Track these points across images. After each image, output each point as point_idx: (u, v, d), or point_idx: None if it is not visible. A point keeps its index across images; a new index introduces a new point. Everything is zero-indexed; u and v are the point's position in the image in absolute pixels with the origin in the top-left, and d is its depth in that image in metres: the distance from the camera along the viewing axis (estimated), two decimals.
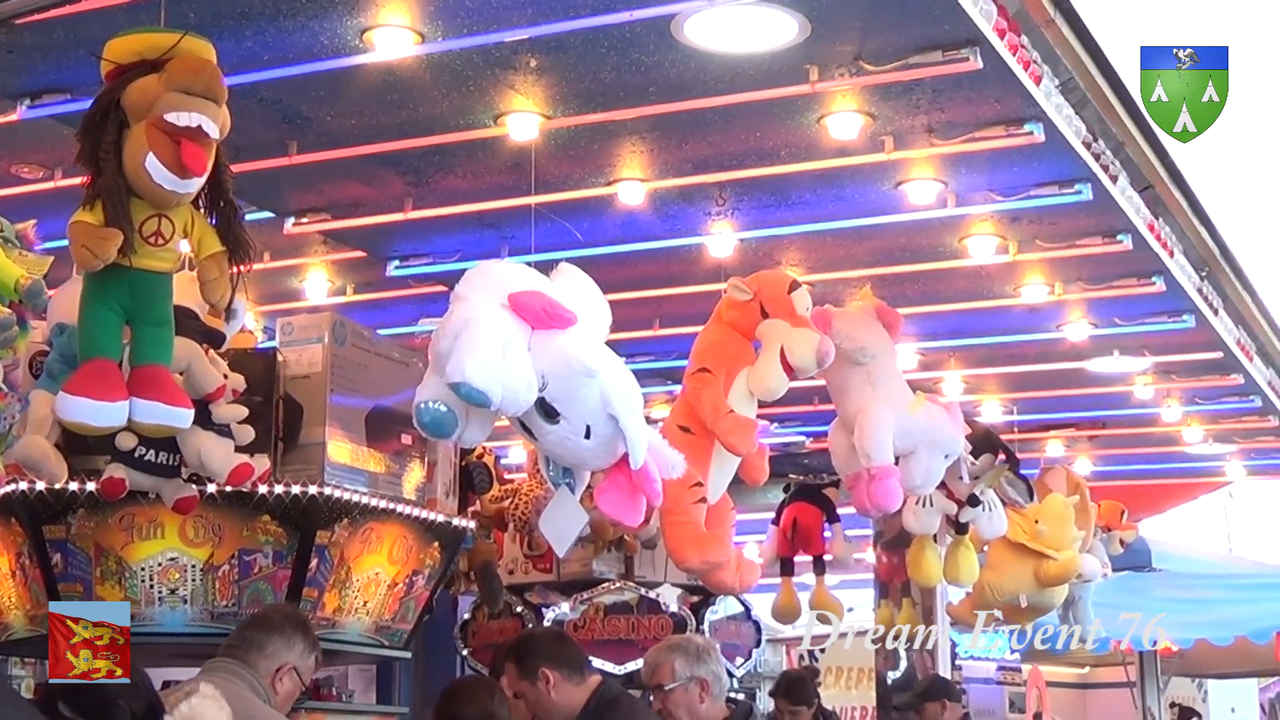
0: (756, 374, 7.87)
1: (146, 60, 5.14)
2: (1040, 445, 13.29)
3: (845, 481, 9.03)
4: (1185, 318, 10.38)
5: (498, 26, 6.59)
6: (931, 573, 10.88)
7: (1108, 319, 10.54)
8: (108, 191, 5.07)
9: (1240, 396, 12.39)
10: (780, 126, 7.53)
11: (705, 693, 7.60)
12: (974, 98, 7.25)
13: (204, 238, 5.30)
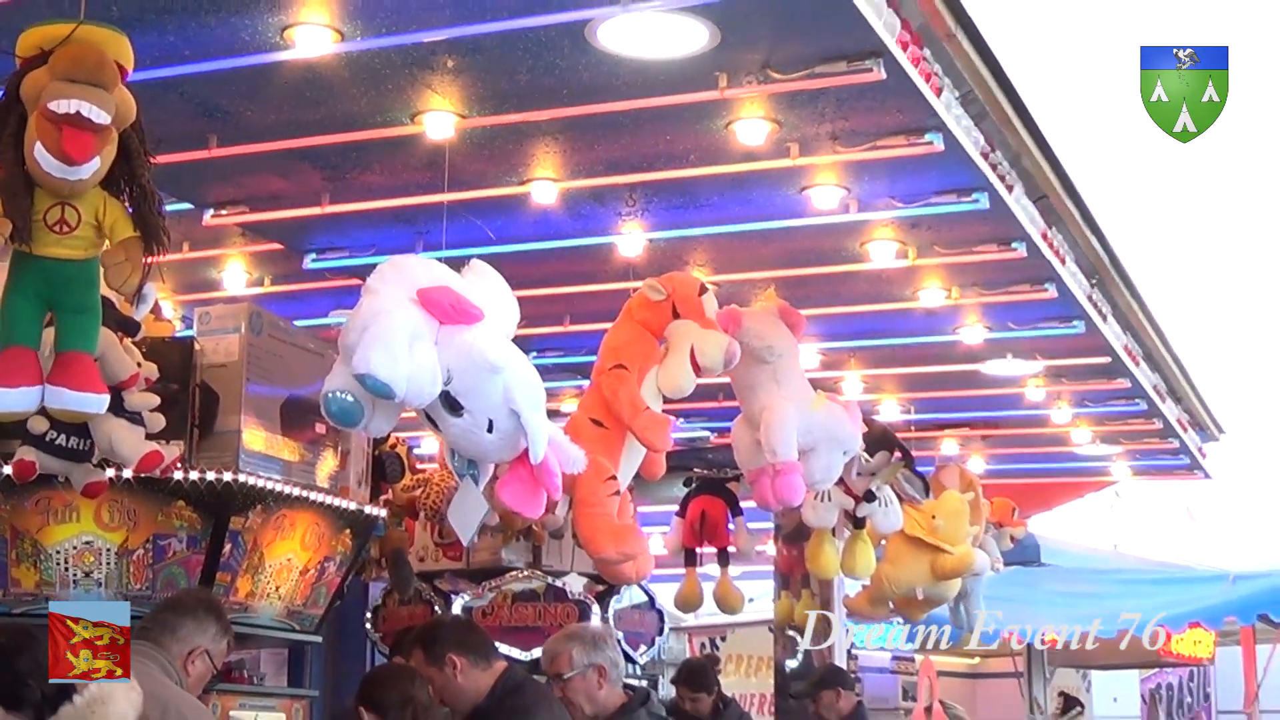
0: (667, 372, 7.86)
1: (44, 52, 5.07)
2: (936, 444, 13.32)
3: (748, 476, 9.02)
4: (1075, 323, 10.44)
5: (416, 27, 6.55)
6: (829, 565, 10.94)
7: (1002, 323, 10.58)
8: (6, 189, 5.03)
9: (1127, 400, 12.45)
10: (689, 131, 7.51)
11: (603, 679, 7.68)
12: (877, 107, 7.23)
13: (116, 223, 5.21)
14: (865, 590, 11.77)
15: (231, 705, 7.65)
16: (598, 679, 7.70)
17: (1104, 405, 12.74)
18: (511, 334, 6.54)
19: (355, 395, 5.94)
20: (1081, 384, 12.12)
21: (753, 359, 8.72)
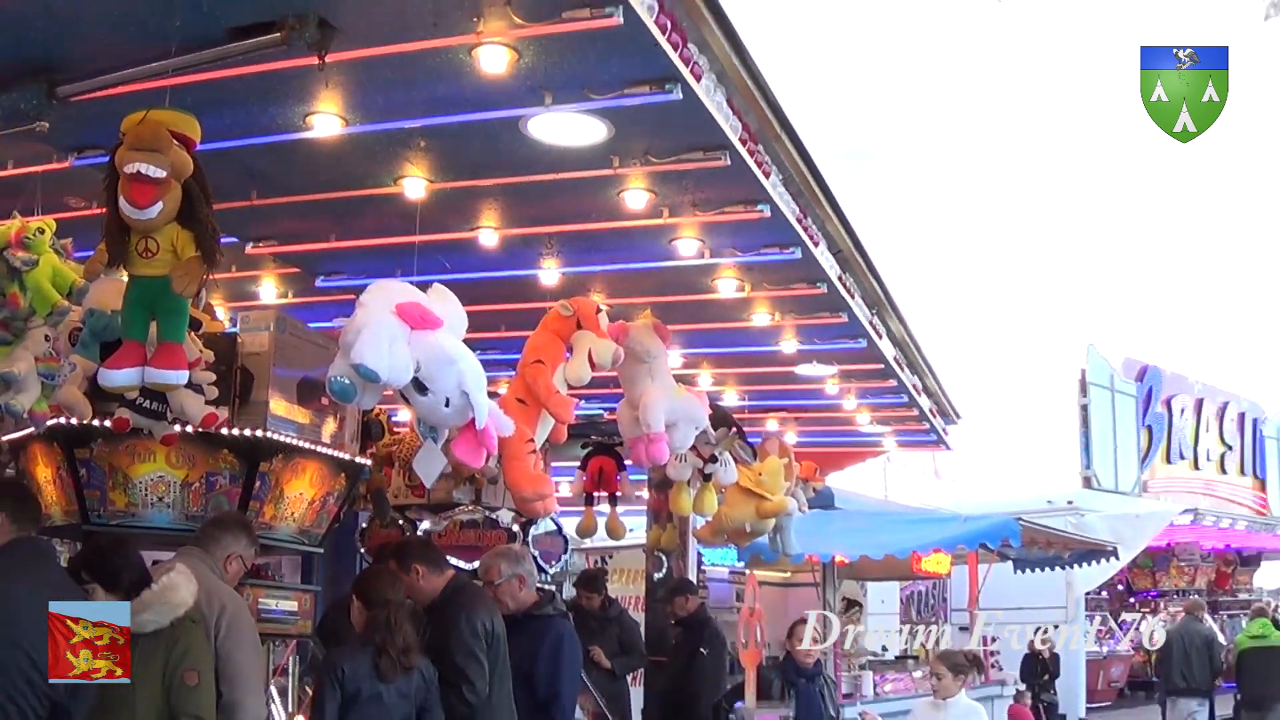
0: (571, 367, 7.91)
1: (124, 133, 5.07)
2: (763, 422, 13.27)
3: (628, 442, 8.98)
4: (860, 340, 10.42)
5: (399, 117, 6.50)
6: (685, 506, 10.82)
7: (810, 339, 10.54)
8: (105, 227, 5.17)
9: (894, 395, 12.55)
10: (592, 196, 7.40)
11: (522, 585, 7.78)
12: (724, 184, 7.19)
13: (184, 248, 5.18)
14: (709, 524, 11.64)
15: (260, 594, 7.51)
16: (518, 584, 7.80)
17: (879, 398, 12.84)
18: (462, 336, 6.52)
19: (351, 379, 6.00)
20: (863, 383, 12.20)
21: (634, 360, 8.66)
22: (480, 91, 5.95)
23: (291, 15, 5.29)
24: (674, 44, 5.71)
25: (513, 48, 5.56)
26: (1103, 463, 26.90)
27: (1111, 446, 27.38)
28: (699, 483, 10.78)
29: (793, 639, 9.84)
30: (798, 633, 9.82)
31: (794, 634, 9.85)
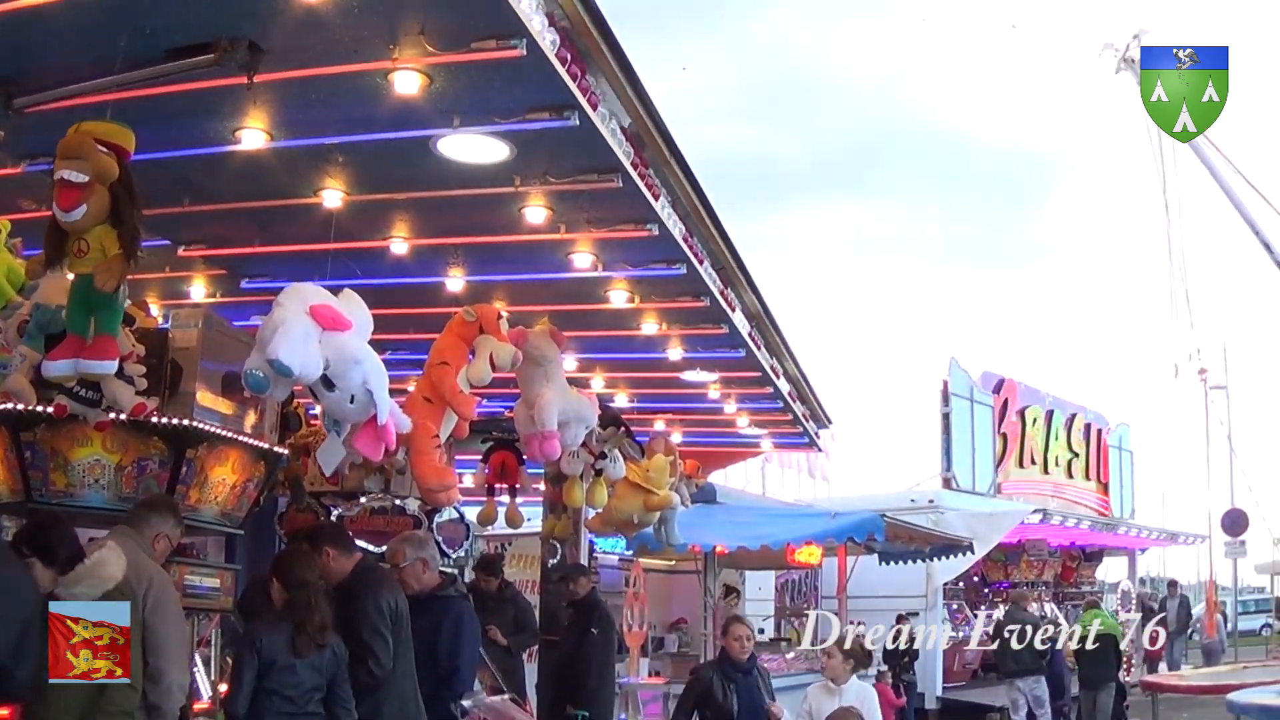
0: (474, 369, 7.97)
1: None
2: (651, 423, 13.27)
3: (524, 439, 9.05)
4: (740, 350, 10.47)
5: (320, 134, 6.49)
6: (577, 498, 10.96)
7: (694, 348, 10.54)
8: (46, 229, 5.30)
9: (771, 400, 12.56)
10: (495, 212, 7.40)
11: (425, 568, 7.85)
12: (616, 204, 7.22)
13: (108, 246, 5.25)
14: (600, 515, 11.72)
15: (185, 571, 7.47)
16: (422, 568, 7.87)
17: (756, 403, 12.86)
18: (368, 338, 6.57)
19: (265, 373, 6.05)
20: (743, 389, 12.19)
21: (532, 363, 8.76)
22: (394, 113, 5.97)
23: (225, 38, 5.33)
24: (573, 75, 5.77)
25: (425, 73, 5.60)
26: (961, 466, 27.28)
27: (970, 451, 27.78)
28: (591, 477, 10.88)
29: (728, 636, 9.34)
30: (733, 630, 9.33)
31: (729, 631, 9.36)
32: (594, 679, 11.75)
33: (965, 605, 26.94)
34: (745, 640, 9.21)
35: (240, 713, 6.42)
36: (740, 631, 9.27)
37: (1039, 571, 30.89)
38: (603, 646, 12.00)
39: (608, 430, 10.49)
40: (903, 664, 19.35)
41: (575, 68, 5.78)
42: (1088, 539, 31.70)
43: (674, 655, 17.00)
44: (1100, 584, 37.64)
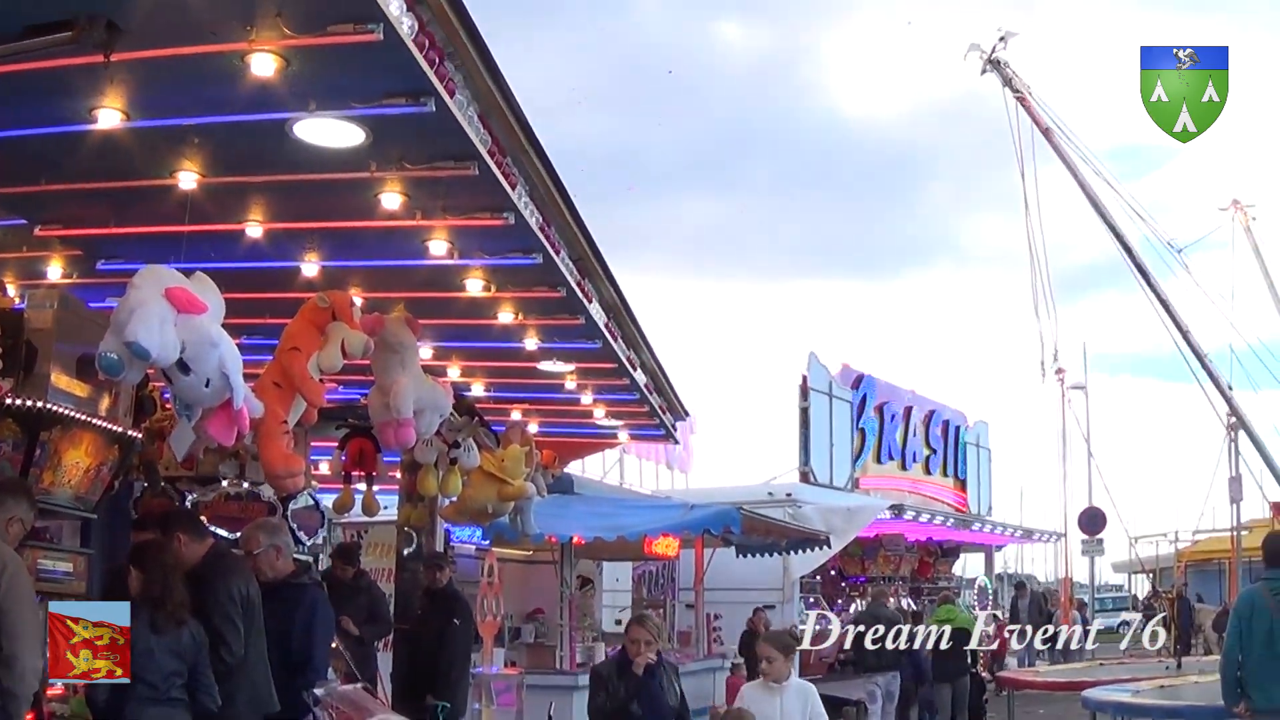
0: (325, 355, 8.01)
1: None
2: (507, 412, 13.34)
3: (377, 426, 9.11)
4: (596, 341, 10.60)
5: (176, 115, 6.46)
6: (431, 487, 11.06)
7: (550, 338, 10.62)
8: None
9: (627, 391, 12.69)
10: (351, 197, 7.41)
11: (279, 555, 7.95)
12: (472, 192, 7.27)
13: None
14: (454, 504, 11.83)
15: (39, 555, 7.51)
16: (275, 554, 7.96)
17: (613, 395, 12.99)
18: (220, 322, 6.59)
19: (120, 355, 6.04)
20: (600, 380, 12.30)
21: (388, 350, 8.83)
22: (251, 95, 5.95)
23: (83, 16, 5.30)
24: (430, 61, 5.82)
25: (281, 56, 5.61)
26: (819, 460, 27.84)
27: (828, 446, 28.36)
28: (445, 466, 10.97)
29: (627, 636, 8.50)
30: (632, 632, 8.45)
31: (629, 633, 8.49)
32: (456, 670, 11.86)
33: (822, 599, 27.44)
34: (642, 645, 8.31)
35: (100, 700, 6.40)
36: (636, 634, 8.41)
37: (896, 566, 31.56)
38: (462, 637, 12.13)
39: (462, 419, 10.59)
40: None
41: (433, 54, 5.83)
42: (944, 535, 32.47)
43: (530, 645, 17.14)
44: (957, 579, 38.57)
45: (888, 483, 31.74)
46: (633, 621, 8.78)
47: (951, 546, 35.12)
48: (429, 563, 12.32)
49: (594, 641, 16.88)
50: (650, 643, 8.31)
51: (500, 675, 13.16)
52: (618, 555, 20.07)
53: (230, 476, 11.12)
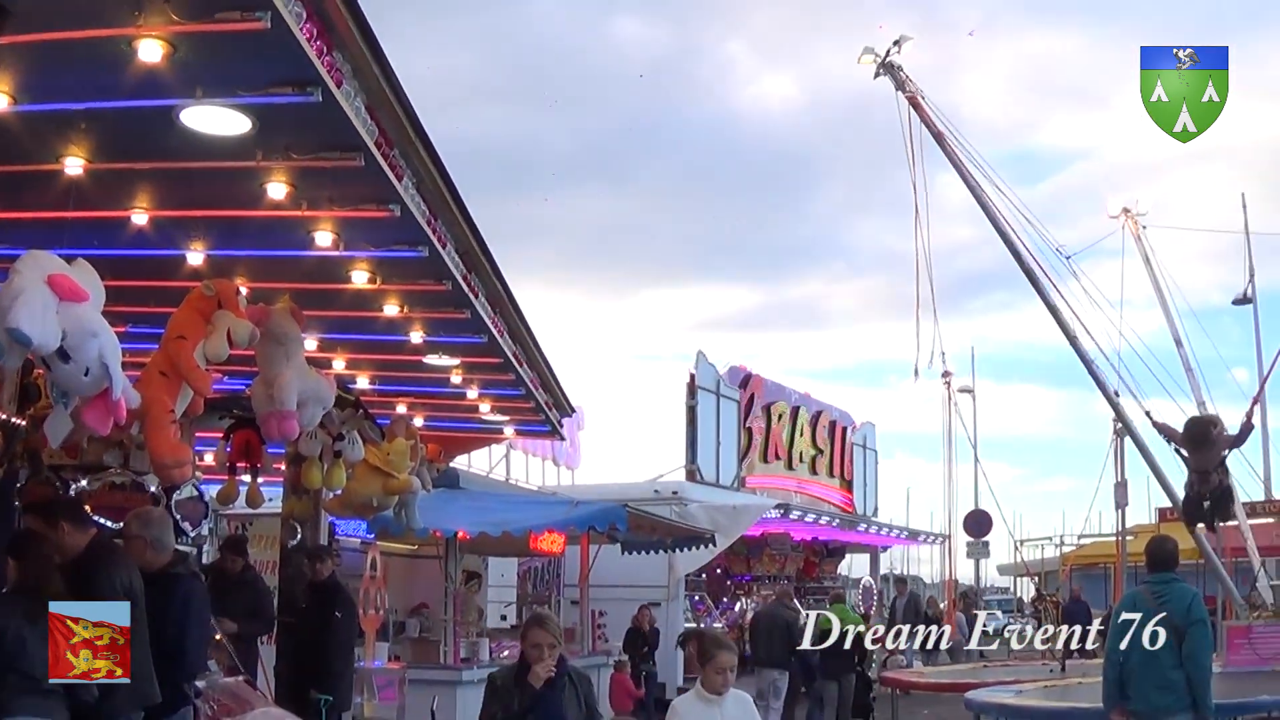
0: (210, 345, 8.04)
1: None
2: (392, 405, 13.34)
3: (260, 417, 9.14)
4: (482, 336, 10.61)
5: (64, 100, 6.42)
6: (315, 479, 11.12)
7: (436, 332, 10.65)
8: None
9: (513, 387, 12.74)
10: (237, 186, 7.43)
11: (148, 547, 7.94)
12: (358, 183, 7.32)
13: None
14: (338, 498, 11.88)
15: None
16: (144, 546, 7.96)
17: (499, 390, 13.03)
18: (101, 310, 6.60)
19: (0, 341, 6.00)
20: (485, 375, 12.32)
21: (273, 341, 8.88)
22: (138, 81, 5.95)
23: None
24: (318, 50, 5.86)
25: (169, 42, 5.62)
26: (706, 459, 28.11)
27: (715, 444, 28.63)
28: (330, 459, 11.02)
29: (524, 640, 7.27)
30: (531, 635, 7.19)
31: (527, 636, 7.23)
32: (338, 663, 11.89)
33: (707, 596, 27.73)
34: (545, 650, 7.09)
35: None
36: (536, 637, 7.17)
37: (781, 565, 32.00)
38: (346, 630, 12.17)
39: (346, 412, 10.65)
40: (643, 654, 19.91)
41: (321, 43, 5.88)
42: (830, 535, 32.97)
43: (415, 640, 17.19)
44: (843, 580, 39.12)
45: (774, 482, 32.13)
46: (531, 622, 7.41)
47: (837, 547, 35.66)
48: (310, 555, 12.33)
49: (479, 637, 16.96)
50: (553, 646, 7.08)
51: (382, 670, 13.23)
52: (503, 551, 20.17)
53: (115, 466, 11.06)
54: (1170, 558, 9.54)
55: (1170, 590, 9.22)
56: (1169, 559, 9.52)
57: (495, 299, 10.37)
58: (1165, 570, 9.43)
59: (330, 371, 10.72)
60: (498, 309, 10.57)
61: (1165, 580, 9.33)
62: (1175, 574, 9.50)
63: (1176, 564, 9.63)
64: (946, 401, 42.57)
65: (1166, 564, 9.47)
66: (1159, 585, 9.30)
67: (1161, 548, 9.65)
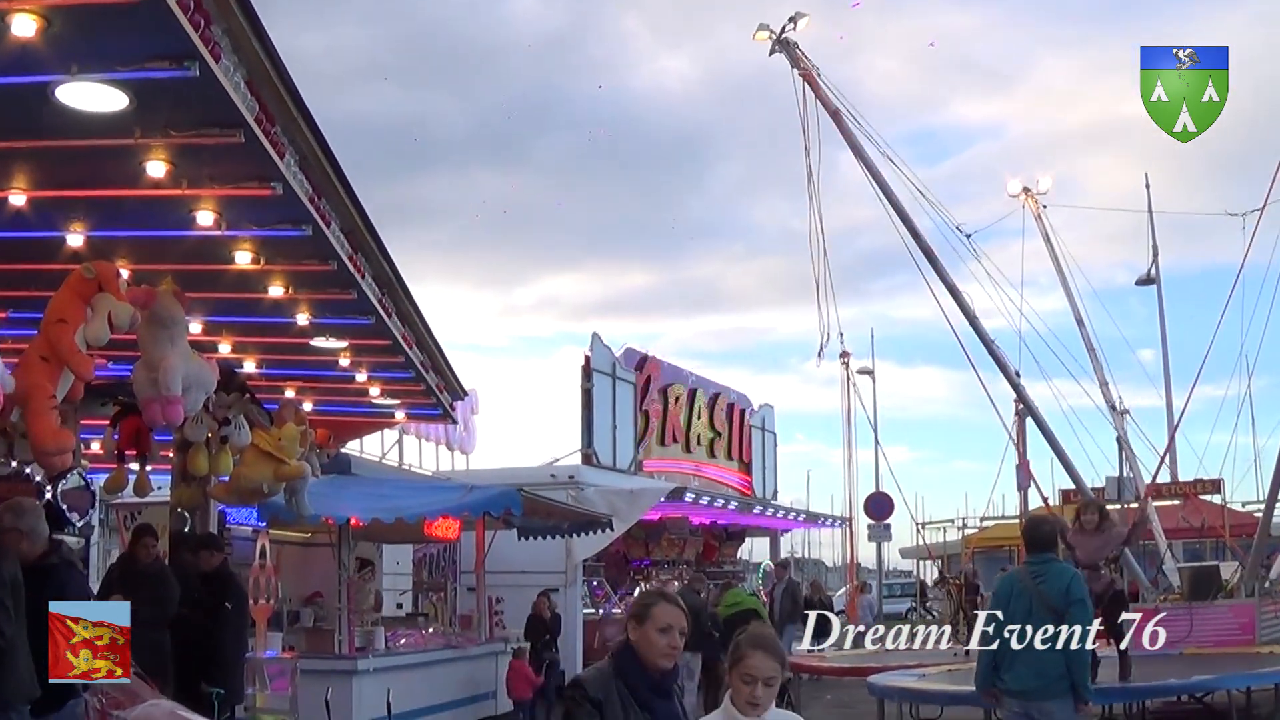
0: (91, 328, 8.02)
1: None
2: (281, 389, 13.28)
3: (142, 402, 9.13)
4: (369, 318, 10.65)
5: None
6: (201, 466, 11.12)
7: (322, 314, 10.68)
8: None
9: (403, 369, 12.77)
10: (116, 164, 7.44)
11: (21, 538, 7.75)
12: (239, 161, 7.36)
13: None
14: (225, 484, 11.86)
15: None
16: (18, 538, 7.78)
17: (389, 373, 13.04)
18: None
19: None
20: (374, 358, 12.33)
21: (158, 324, 8.90)
22: (12, 57, 5.94)
23: None
24: (195, 24, 5.88)
25: (43, 16, 5.62)
26: (602, 442, 28.17)
27: (611, 427, 28.71)
28: (218, 445, 11.01)
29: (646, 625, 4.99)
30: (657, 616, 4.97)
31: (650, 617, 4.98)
32: (230, 654, 11.79)
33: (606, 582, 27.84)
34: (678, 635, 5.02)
35: None
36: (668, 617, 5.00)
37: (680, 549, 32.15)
38: (237, 621, 12.07)
39: (233, 396, 10.65)
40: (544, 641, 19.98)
41: (198, 16, 5.90)
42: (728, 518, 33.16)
43: (309, 630, 17.13)
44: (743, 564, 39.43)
45: (671, 465, 32.31)
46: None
47: (737, 530, 35.89)
48: (199, 545, 12.22)
49: (373, 626, 16.95)
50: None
51: (275, 659, 13.18)
52: (398, 538, 20.14)
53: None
54: (1047, 538, 9.54)
55: (1048, 570, 9.20)
56: (1046, 540, 9.52)
57: (383, 279, 10.40)
58: (1044, 551, 9.41)
59: (216, 355, 10.72)
60: (385, 290, 10.60)
61: (1043, 560, 9.31)
62: (1053, 554, 9.54)
63: (1055, 545, 9.69)
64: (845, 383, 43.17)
65: (1044, 544, 9.46)
66: (1037, 565, 9.27)
67: (1039, 528, 9.69)
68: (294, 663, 13.42)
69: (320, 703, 14.15)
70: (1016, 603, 9.12)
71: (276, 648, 13.96)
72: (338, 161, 8.19)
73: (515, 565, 21.14)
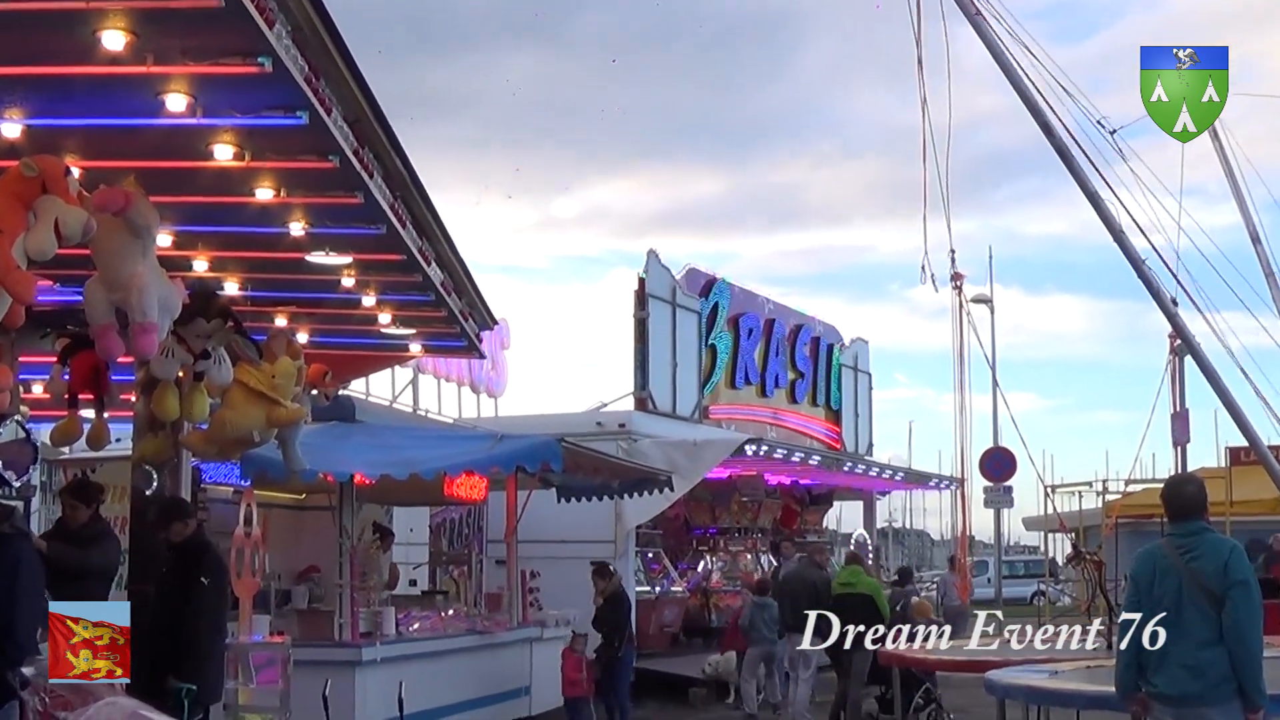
0: (34, 238, 7.93)
1: None
2: (270, 316, 13.16)
3: (95, 329, 9.03)
4: (380, 226, 10.50)
5: None
6: (171, 409, 11.05)
7: (321, 222, 10.50)
8: None
9: (420, 291, 12.63)
10: (61, 34, 7.25)
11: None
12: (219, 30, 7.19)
13: None
14: (203, 432, 11.78)
15: None
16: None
17: (403, 295, 12.94)
18: None
19: None
20: (385, 276, 12.21)
21: (129, 233, 8.80)
22: None
23: None
24: None
25: None
26: (660, 384, 28.06)
27: (670, 366, 28.58)
28: (190, 383, 10.89)
29: None
30: None
31: None
32: (203, 642, 11.57)
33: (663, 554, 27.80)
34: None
35: None
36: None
37: (754, 515, 32.13)
38: (214, 601, 11.84)
39: (213, 323, 10.51)
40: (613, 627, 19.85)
41: None
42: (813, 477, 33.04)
43: (303, 611, 17.13)
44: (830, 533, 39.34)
45: (744, 412, 32.26)
46: None
47: (823, 492, 35.78)
48: (169, 510, 12.08)
49: (381, 606, 16.93)
50: None
51: (261, 645, 13.13)
52: (412, 498, 20.17)
53: None
54: (1194, 502, 9.17)
55: (1200, 543, 8.87)
56: (1193, 504, 9.15)
57: (396, 180, 10.23)
58: (1191, 518, 9.05)
59: (189, 274, 10.59)
60: (399, 193, 10.42)
61: (1192, 531, 8.96)
62: (1204, 521, 9.17)
63: (1204, 510, 9.30)
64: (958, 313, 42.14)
65: (1191, 510, 9.10)
66: (1184, 538, 8.93)
67: (1181, 489, 9.34)
68: (285, 649, 13.38)
69: (317, 699, 14.12)
70: (1162, 585, 8.86)
71: (263, 632, 13.93)
72: (339, 34, 8.05)
73: (554, 533, 21.13)
